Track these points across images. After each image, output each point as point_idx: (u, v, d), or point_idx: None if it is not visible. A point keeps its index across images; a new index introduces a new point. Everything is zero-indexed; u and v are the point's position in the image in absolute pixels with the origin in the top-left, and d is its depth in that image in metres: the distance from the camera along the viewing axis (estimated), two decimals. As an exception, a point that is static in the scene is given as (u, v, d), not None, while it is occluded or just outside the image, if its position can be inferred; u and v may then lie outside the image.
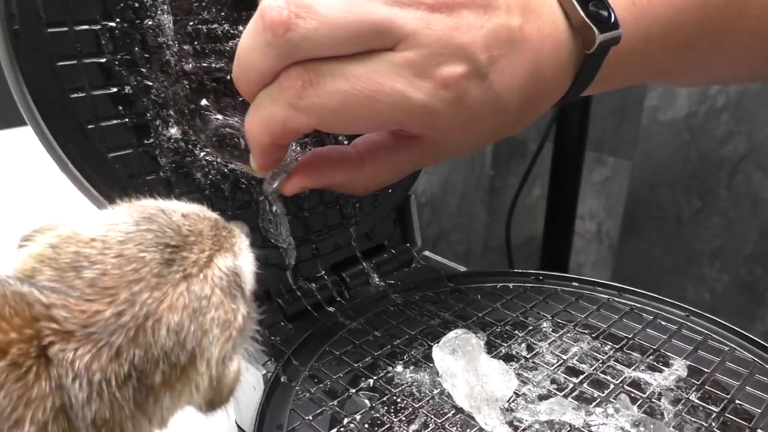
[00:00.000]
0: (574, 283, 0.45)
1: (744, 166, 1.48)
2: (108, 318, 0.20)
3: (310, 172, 0.34)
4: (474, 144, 0.34)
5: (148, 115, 0.33)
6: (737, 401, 0.34)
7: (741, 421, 0.32)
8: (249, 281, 0.26)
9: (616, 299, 0.43)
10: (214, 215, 0.26)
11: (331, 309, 0.41)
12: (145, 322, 0.21)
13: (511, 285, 0.45)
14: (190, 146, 0.34)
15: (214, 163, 0.35)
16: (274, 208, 0.38)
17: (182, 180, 0.35)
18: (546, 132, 1.12)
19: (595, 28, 0.32)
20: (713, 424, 0.32)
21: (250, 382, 0.37)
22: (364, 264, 0.44)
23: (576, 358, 0.37)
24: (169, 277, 0.22)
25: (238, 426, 0.42)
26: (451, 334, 0.36)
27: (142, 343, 0.21)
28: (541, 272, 0.46)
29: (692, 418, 0.32)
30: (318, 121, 0.29)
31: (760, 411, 0.33)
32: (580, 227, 1.77)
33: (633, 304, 0.43)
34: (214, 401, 0.23)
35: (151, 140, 0.33)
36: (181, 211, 0.25)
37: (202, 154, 0.35)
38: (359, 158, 0.34)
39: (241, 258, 0.25)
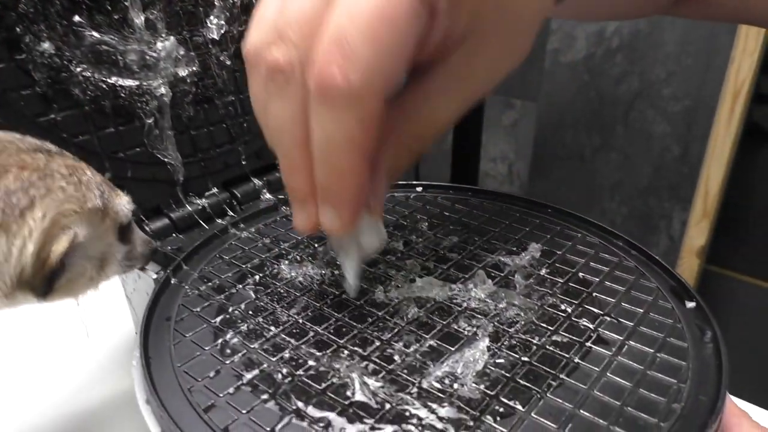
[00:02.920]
0: (451, 191, 0.49)
1: (638, 103, 1.59)
2: None
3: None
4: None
5: (18, 29, 0.34)
6: (580, 274, 0.39)
7: (580, 287, 0.37)
8: (119, 214, 0.31)
9: (486, 202, 0.48)
10: None
11: (221, 221, 0.43)
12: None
13: (395, 194, 0.49)
14: (65, 62, 0.35)
15: (92, 78, 0.36)
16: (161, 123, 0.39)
17: (60, 96, 0.36)
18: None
19: None
20: (557, 291, 0.37)
21: (144, 289, 0.40)
22: (255, 181, 0.46)
23: (447, 249, 0.41)
24: (39, 155, 0.27)
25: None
26: None
27: None
28: (423, 183, 0.50)
29: (539, 288, 0.37)
30: None
31: (598, 279, 0.38)
32: (493, 169, 1.85)
33: (502, 204, 0.47)
34: (42, 265, 0.27)
35: (23, 55, 0.34)
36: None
37: (79, 69, 0.36)
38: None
39: (119, 198, 0.31)
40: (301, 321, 0.34)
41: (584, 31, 1.57)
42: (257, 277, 0.38)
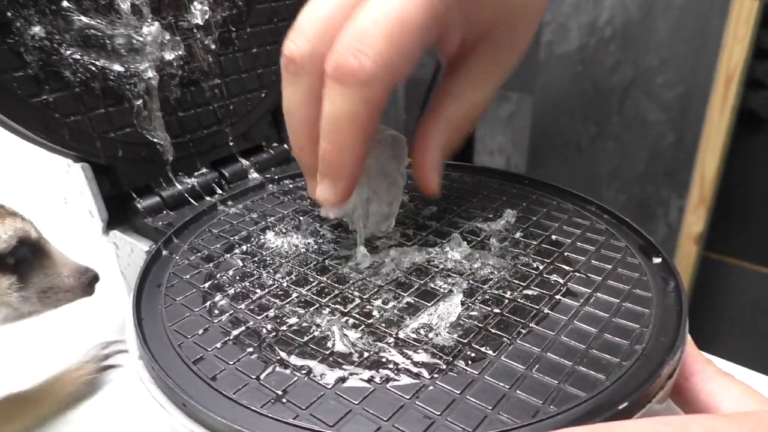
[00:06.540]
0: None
1: (632, 91, 1.60)
2: None
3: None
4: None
5: (9, 14, 0.36)
6: (553, 236, 0.40)
7: (552, 248, 0.39)
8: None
9: (466, 176, 0.49)
10: None
11: (210, 199, 0.45)
12: None
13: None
14: (55, 45, 0.37)
15: (82, 61, 0.38)
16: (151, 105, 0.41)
17: (51, 77, 0.38)
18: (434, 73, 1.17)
19: None
20: (530, 251, 0.38)
21: (138, 263, 0.41)
22: (242, 161, 0.48)
23: (426, 218, 0.43)
24: None
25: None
26: None
27: None
28: (406, 160, 0.52)
29: (513, 249, 0.39)
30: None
31: (570, 241, 0.40)
32: (491, 162, 1.87)
33: (480, 177, 0.49)
34: None
35: (15, 38, 0.36)
36: None
37: (68, 52, 0.38)
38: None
39: None
40: (285, 284, 0.36)
41: (577, 21, 1.59)
42: (244, 247, 0.39)
